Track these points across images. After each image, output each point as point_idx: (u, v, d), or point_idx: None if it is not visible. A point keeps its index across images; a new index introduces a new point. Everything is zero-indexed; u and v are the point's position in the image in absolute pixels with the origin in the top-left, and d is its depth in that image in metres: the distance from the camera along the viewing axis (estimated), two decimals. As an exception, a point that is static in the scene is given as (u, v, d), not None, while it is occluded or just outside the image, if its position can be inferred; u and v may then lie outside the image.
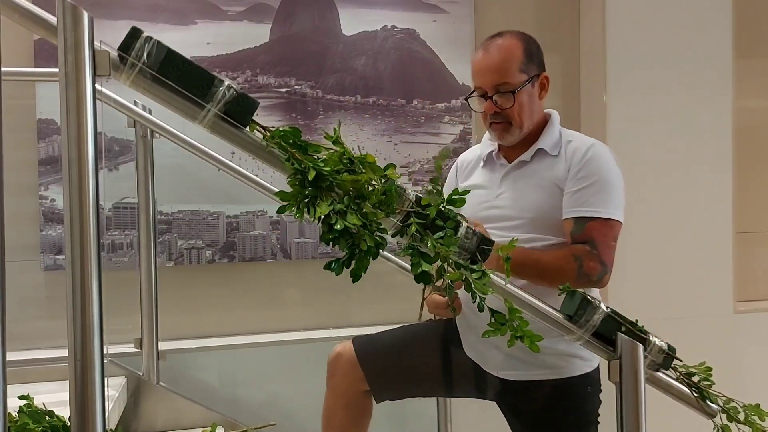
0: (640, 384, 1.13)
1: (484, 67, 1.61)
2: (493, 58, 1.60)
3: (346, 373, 1.73)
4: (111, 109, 1.91)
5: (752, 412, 1.26)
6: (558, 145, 1.64)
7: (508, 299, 1.08)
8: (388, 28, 2.57)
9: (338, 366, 1.75)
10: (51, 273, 2.27)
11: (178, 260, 2.39)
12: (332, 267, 0.98)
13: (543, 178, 1.61)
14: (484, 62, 1.61)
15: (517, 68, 1.59)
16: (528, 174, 1.64)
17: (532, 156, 1.64)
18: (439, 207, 1.06)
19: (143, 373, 2.04)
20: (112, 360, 2.01)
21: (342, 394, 1.75)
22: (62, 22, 0.83)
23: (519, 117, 1.60)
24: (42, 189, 2.26)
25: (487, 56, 1.61)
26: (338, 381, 1.75)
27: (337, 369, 1.75)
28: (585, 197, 1.55)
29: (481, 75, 1.62)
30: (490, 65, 1.60)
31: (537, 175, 1.62)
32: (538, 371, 1.61)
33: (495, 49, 1.61)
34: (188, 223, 2.39)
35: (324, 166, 0.96)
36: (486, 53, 1.62)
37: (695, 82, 2.68)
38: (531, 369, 1.61)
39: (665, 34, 2.65)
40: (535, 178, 1.62)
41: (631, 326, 1.18)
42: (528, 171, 1.64)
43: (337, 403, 1.75)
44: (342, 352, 1.75)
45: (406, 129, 2.60)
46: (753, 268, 2.95)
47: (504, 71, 1.59)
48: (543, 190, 1.60)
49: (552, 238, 1.58)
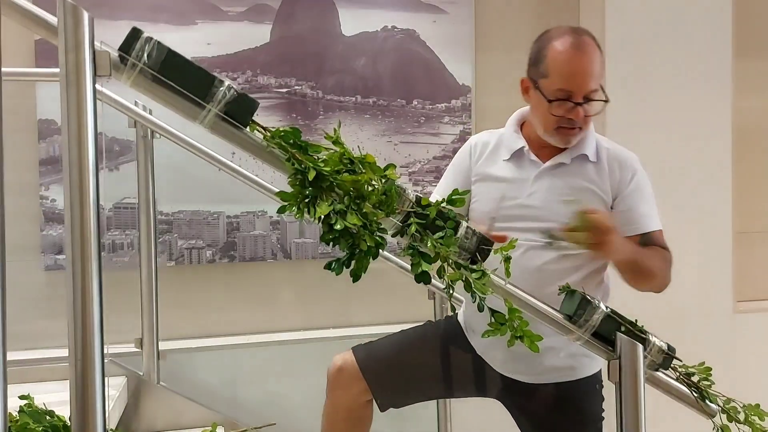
0: (639, 384, 1.13)
1: (580, 70, 1.48)
2: (588, 62, 1.48)
3: (349, 386, 1.68)
4: (111, 110, 1.91)
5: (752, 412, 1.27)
6: (597, 151, 1.60)
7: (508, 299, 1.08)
8: (388, 29, 2.57)
9: (341, 380, 1.69)
10: (51, 273, 2.27)
11: (179, 260, 2.39)
12: (332, 267, 0.98)
13: (582, 184, 1.58)
14: (581, 65, 1.48)
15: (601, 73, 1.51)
16: (566, 177, 1.59)
17: (572, 159, 1.59)
18: (439, 207, 1.06)
19: (143, 372, 2.04)
20: (112, 360, 2.01)
21: (344, 406, 1.71)
22: (63, 22, 0.84)
23: (589, 122, 1.55)
24: (42, 189, 2.26)
25: (584, 58, 1.48)
26: (340, 394, 1.70)
27: (339, 383, 1.70)
28: (644, 211, 1.59)
29: (576, 78, 1.48)
30: (587, 69, 1.48)
31: (576, 180, 1.58)
32: (553, 374, 1.62)
33: (589, 51, 1.49)
34: (188, 223, 2.39)
35: (324, 167, 0.97)
36: (581, 54, 1.48)
37: (695, 82, 2.68)
38: (547, 372, 1.62)
39: (665, 34, 2.65)
40: (574, 183, 1.58)
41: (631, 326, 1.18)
42: (566, 174, 1.59)
43: (338, 415, 1.71)
44: (344, 366, 1.69)
45: (406, 129, 2.60)
46: (753, 268, 2.95)
47: (595, 75, 1.49)
48: (580, 194, 1.57)
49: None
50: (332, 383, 1.71)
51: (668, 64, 2.65)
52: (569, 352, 1.59)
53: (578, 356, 1.60)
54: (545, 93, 1.51)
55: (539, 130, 1.58)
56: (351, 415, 1.71)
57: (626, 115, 2.63)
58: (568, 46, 1.49)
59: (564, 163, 1.59)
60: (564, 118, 1.51)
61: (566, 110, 1.50)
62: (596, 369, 1.65)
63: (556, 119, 1.52)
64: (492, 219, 1.56)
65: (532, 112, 1.60)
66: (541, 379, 1.63)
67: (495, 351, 1.66)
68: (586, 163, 1.60)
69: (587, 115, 1.52)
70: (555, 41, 1.51)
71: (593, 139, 1.62)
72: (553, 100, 1.50)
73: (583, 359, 1.62)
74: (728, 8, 2.69)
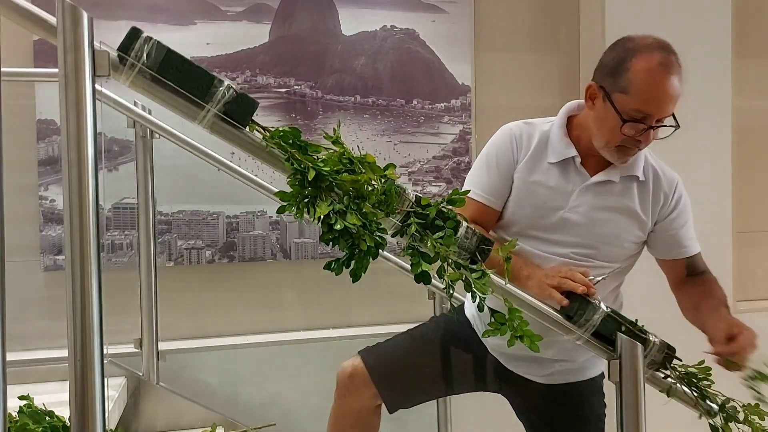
0: (640, 384, 1.13)
1: (665, 95, 1.38)
2: (676, 86, 1.38)
3: (360, 393, 1.67)
4: (111, 110, 1.91)
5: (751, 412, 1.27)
6: (644, 169, 1.55)
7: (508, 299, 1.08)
8: (387, 28, 2.57)
9: (351, 387, 1.68)
10: (51, 273, 2.27)
11: (178, 260, 2.39)
12: (332, 267, 0.98)
13: (627, 205, 1.54)
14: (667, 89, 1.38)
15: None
16: (611, 196, 1.53)
17: (621, 178, 1.53)
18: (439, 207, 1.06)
19: (143, 373, 2.04)
20: (112, 360, 2.01)
21: (353, 412, 1.70)
22: (62, 22, 0.83)
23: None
24: (42, 189, 2.26)
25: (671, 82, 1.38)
26: (350, 401, 1.69)
27: (349, 389, 1.68)
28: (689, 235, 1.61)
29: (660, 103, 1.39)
30: (672, 94, 1.39)
31: (621, 200, 1.54)
32: (566, 375, 1.63)
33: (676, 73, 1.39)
34: (188, 223, 2.39)
35: (324, 166, 0.97)
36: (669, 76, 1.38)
37: (695, 81, 2.66)
38: (559, 374, 1.63)
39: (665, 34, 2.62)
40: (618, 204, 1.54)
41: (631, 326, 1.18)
42: (611, 192, 1.53)
43: (346, 420, 1.71)
44: (354, 373, 1.67)
45: (405, 129, 2.60)
46: (753, 268, 2.95)
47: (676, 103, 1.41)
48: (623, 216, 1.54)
49: (613, 264, 1.56)
50: (342, 389, 1.69)
51: (668, 64, 2.64)
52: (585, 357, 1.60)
53: (591, 358, 1.61)
54: (620, 110, 1.40)
55: (598, 143, 1.48)
56: (359, 421, 1.70)
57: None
58: (656, 65, 1.37)
59: (612, 181, 1.52)
60: (631, 139, 1.42)
61: (637, 131, 1.41)
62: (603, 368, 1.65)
63: (623, 138, 1.42)
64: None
65: (596, 123, 1.47)
66: (551, 380, 1.64)
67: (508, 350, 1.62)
68: (633, 182, 1.54)
69: (655, 138, 1.43)
70: (641, 55, 1.39)
71: (643, 156, 1.55)
72: (628, 120, 1.40)
73: (594, 360, 1.62)
74: (728, 8, 2.69)
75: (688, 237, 1.61)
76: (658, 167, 1.59)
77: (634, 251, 1.61)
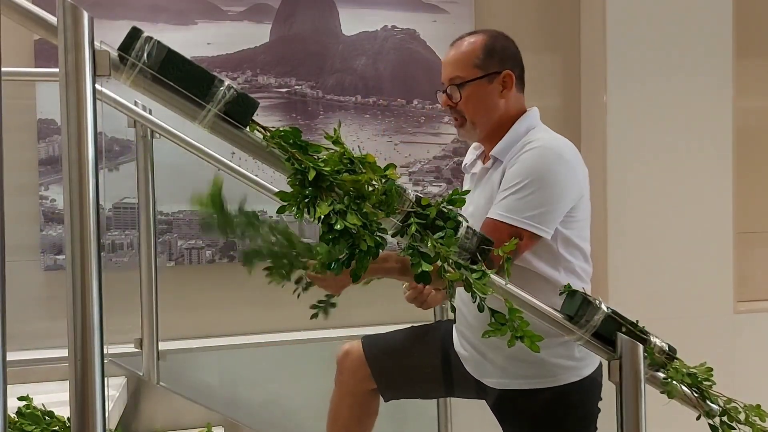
0: (640, 384, 1.13)
1: (444, 62, 1.63)
2: (451, 53, 1.61)
3: (354, 371, 1.74)
4: (111, 109, 1.91)
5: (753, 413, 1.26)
6: (508, 150, 1.53)
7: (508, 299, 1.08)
8: (388, 28, 2.57)
9: (346, 364, 1.76)
10: (51, 273, 2.27)
11: (178, 260, 2.39)
12: (332, 267, 0.98)
13: (487, 189, 1.56)
14: (445, 57, 1.63)
15: (472, 63, 1.56)
16: (484, 183, 1.59)
17: (492, 163, 1.58)
18: (440, 207, 1.06)
19: (143, 373, 2.04)
20: (112, 360, 2.01)
21: (349, 392, 1.75)
22: (62, 22, 0.83)
23: (470, 112, 1.57)
24: (42, 189, 2.26)
25: (450, 51, 1.62)
26: (345, 379, 1.76)
27: (344, 367, 1.76)
28: (498, 200, 1.47)
29: (442, 69, 1.63)
30: (448, 59, 1.61)
31: (488, 185, 1.57)
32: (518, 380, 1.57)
33: (456, 45, 1.61)
34: (188, 223, 2.39)
35: (324, 166, 0.96)
36: (450, 48, 1.63)
37: (695, 82, 2.68)
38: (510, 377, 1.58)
39: (665, 34, 2.65)
40: (486, 189, 1.57)
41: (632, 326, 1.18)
42: (486, 179, 1.59)
43: (343, 401, 1.76)
44: (350, 350, 1.77)
45: (406, 129, 2.60)
46: (753, 268, 2.95)
47: (457, 65, 1.58)
48: (486, 201, 1.54)
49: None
50: (339, 367, 1.78)
51: (669, 65, 2.64)
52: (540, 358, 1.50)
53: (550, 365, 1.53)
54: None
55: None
56: (356, 402, 1.74)
57: (626, 116, 2.63)
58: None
59: (487, 167, 1.64)
60: (447, 108, 1.65)
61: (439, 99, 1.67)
62: (574, 379, 1.55)
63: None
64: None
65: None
66: (508, 385, 1.58)
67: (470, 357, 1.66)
68: (498, 165, 1.63)
69: (454, 102, 1.61)
70: None
71: (509, 138, 1.59)
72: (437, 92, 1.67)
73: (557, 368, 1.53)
74: (728, 8, 2.69)
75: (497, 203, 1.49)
76: (533, 141, 1.50)
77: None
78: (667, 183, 2.67)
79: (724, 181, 2.72)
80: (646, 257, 2.65)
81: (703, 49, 2.67)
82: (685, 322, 2.64)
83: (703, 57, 2.67)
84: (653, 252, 2.65)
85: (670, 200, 2.67)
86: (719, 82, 2.70)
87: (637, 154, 2.63)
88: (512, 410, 1.61)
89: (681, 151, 2.69)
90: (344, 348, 1.79)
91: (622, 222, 2.61)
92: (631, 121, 2.63)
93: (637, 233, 2.63)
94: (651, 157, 2.65)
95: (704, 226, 2.71)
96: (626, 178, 2.61)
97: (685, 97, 2.67)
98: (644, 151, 2.65)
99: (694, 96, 2.69)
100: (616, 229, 2.61)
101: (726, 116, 2.71)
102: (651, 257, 2.65)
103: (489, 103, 1.57)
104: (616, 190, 2.62)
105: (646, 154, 2.65)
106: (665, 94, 2.65)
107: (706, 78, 2.68)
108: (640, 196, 2.63)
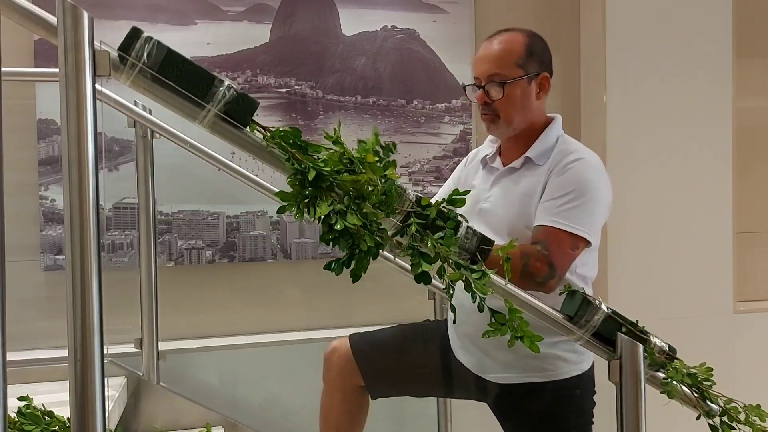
0: (640, 384, 1.13)
1: (481, 57, 1.60)
2: (492, 49, 1.59)
3: (342, 367, 1.74)
4: (111, 109, 1.91)
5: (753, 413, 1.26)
6: (547, 154, 1.57)
7: (508, 299, 1.08)
8: (388, 29, 2.57)
9: (333, 360, 1.76)
10: (51, 273, 2.26)
11: (178, 260, 2.39)
12: (332, 267, 0.98)
13: (524, 189, 1.56)
14: (483, 52, 1.61)
15: (514, 62, 1.56)
16: (514, 182, 1.59)
17: (522, 164, 1.60)
18: (440, 207, 1.06)
19: (143, 373, 2.04)
20: (112, 360, 2.01)
21: (338, 389, 1.76)
22: (62, 22, 0.83)
23: (507, 111, 1.56)
24: (42, 189, 2.26)
25: (487, 47, 1.60)
26: (334, 375, 1.76)
27: (332, 364, 1.77)
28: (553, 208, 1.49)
29: (478, 64, 1.60)
30: (488, 55, 1.59)
31: (521, 185, 1.58)
32: (523, 374, 1.58)
33: (496, 41, 1.59)
34: (188, 223, 2.39)
35: (324, 166, 0.96)
36: (487, 44, 1.61)
37: (695, 82, 2.68)
38: (515, 371, 1.59)
39: (665, 34, 2.65)
40: (519, 188, 1.57)
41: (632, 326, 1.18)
42: (515, 179, 1.60)
43: (333, 398, 1.76)
44: (338, 346, 1.77)
45: (406, 129, 2.60)
46: (753, 268, 2.95)
47: (499, 62, 1.56)
48: (521, 200, 1.55)
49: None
50: (327, 364, 1.78)
51: (668, 65, 2.64)
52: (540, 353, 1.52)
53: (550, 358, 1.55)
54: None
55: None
56: (345, 398, 1.75)
57: (626, 116, 2.63)
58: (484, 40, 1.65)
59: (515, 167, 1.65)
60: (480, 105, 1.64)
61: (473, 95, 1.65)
62: (575, 372, 1.58)
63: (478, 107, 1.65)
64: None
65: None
66: (511, 379, 1.60)
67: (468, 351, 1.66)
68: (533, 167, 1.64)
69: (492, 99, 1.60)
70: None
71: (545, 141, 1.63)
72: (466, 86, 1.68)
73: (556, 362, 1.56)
74: (729, 8, 2.69)
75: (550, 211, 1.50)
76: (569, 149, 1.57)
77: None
78: (667, 183, 2.67)
79: (724, 181, 2.72)
80: (645, 257, 2.65)
81: (703, 49, 2.67)
82: (685, 322, 2.64)
83: (703, 57, 2.67)
84: (653, 252, 2.65)
85: (670, 200, 2.68)
86: (719, 82, 2.70)
87: (637, 154, 2.63)
88: (515, 405, 1.62)
89: (681, 151, 2.69)
90: (332, 344, 1.79)
91: (622, 222, 2.61)
92: (630, 121, 2.63)
93: (636, 233, 2.63)
94: (651, 157, 2.65)
95: (704, 226, 2.71)
96: (626, 178, 2.61)
97: (685, 97, 2.67)
98: (644, 151, 2.65)
99: (694, 96, 2.69)
100: (616, 229, 2.60)
101: (726, 116, 2.71)
102: (651, 257, 2.65)
103: (526, 103, 1.58)
104: (616, 190, 2.59)
105: (646, 154, 2.65)
106: (665, 94, 2.65)
107: (706, 78, 2.68)
108: (639, 196, 2.63)
